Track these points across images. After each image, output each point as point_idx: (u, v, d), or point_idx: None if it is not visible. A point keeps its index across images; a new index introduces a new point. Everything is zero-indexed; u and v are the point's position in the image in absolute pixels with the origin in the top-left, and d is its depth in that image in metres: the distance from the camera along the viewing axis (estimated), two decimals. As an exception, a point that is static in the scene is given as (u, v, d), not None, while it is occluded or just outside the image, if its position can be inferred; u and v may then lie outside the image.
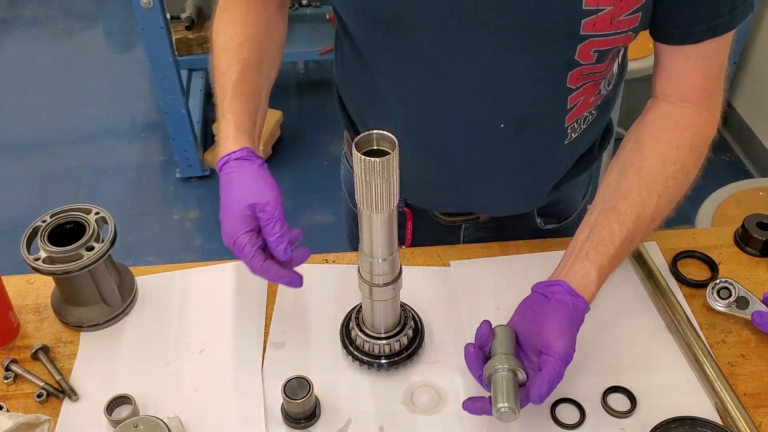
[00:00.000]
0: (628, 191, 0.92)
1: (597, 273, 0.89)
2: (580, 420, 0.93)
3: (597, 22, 0.84)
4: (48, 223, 1.01)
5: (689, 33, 0.89)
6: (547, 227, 1.22)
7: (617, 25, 0.85)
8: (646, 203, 0.91)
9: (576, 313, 0.87)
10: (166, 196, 2.84)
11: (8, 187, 2.91)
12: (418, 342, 1.00)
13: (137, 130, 3.19)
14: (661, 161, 0.92)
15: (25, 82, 3.51)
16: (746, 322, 1.03)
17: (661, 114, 0.95)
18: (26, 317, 1.07)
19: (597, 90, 0.99)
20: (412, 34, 0.89)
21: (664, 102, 0.95)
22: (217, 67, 0.98)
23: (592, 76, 0.94)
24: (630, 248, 0.92)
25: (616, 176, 0.94)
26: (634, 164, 0.93)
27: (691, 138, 0.94)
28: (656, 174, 0.92)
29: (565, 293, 0.87)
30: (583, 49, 0.88)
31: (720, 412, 0.93)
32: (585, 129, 1.04)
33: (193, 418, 0.94)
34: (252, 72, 0.97)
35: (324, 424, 0.93)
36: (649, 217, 0.91)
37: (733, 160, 2.86)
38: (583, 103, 0.98)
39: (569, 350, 0.84)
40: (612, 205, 0.92)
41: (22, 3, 4.09)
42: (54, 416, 0.94)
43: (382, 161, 0.72)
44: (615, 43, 0.88)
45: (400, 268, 0.90)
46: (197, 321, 1.06)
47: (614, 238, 0.90)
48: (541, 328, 0.86)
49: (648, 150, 0.93)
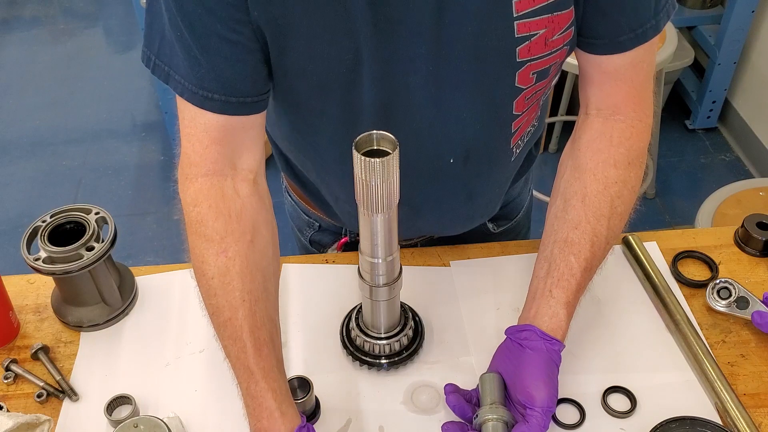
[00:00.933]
0: (578, 221, 0.91)
1: (565, 310, 0.88)
2: (580, 420, 0.93)
3: (531, 47, 0.84)
4: (48, 223, 1.01)
5: (617, 42, 0.87)
6: (500, 230, 1.23)
7: (552, 45, 0.85)
8: (598, 230, 0.90)
9: (551, 356, 0.87)
10: (166, 196, 2.84)
11: (8, 187, 2.91)
12: (418, 342, 1.00)
13: (137, 130, 3.19)
14: (603, 185, 0.92)
15: (25, 82, 3.51)
16: (746, 322, 1.03)
17: (594, 134, 0.94)
18: (26, 317, 1.07)
19: (538, 106, 0.99)
20: (356, 89, 0.86)
21: (596, 119, 0.94)
22: (217, 311, 0.84)
23: (534, 96, 0.94)
24: (591, 274, 0.92)
25: (561, 205, 0.94)
26: (577, 193, 0.92)
27: (626, 153, 0.93)
28: (601, 199, 0.91)
29: (537, 338, 0.87)
30: (522, 73, 0.87)
31: (720, 412, 0.93)
32: (527, 142, 1.04)
33: (193, 418, 0.94)
34: (261, 303, 0.84)
35: (324, 424, 0.93)
36: (603, 242, 0.91)
37: (733, 160, 2.86)
38: (525, 122, 0.98)
39: (551, 398, 0.84)
40: (564, 236, 0.91)
41: (22, 3, 4.09)
42: (54, 416, 0.94)
43: (382, 161, 0.72)
44: (552, 61, 0.88)
45: (400, 268, 0.90)
46: (197, 321, 1.05)
47: (573, 271, 0.89)
48: (520, 379, 0.86)
49: (588, 176, 0.92)
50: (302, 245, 1.28)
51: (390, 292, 0.90)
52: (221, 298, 0.83)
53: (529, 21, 0.82)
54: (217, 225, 0.85)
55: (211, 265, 0.84)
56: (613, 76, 0.91)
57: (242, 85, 0.83)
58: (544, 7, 0.82)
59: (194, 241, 0.86)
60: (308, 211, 1.20)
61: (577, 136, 0.96)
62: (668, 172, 2.79)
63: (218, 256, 0.84)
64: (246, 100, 0.84)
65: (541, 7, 0.81)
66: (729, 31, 2.65)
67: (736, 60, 2.75)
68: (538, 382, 0.84)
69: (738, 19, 2.61)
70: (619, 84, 0.92)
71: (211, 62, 0.81)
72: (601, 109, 0.94)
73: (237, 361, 0.82)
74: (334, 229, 1.20)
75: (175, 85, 0.84)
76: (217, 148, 0.85)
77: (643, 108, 0.94)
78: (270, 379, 0.81)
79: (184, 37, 0.80)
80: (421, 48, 0.82)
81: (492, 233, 1.23)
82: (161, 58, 0.84)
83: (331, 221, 1.17)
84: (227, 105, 0.83)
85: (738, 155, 2.88)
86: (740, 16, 2.61)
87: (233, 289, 0.83)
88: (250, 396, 0.81)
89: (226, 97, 0.83)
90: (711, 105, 2.88)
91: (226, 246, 0.84)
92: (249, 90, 0.84)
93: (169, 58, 0.83)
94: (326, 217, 1.16)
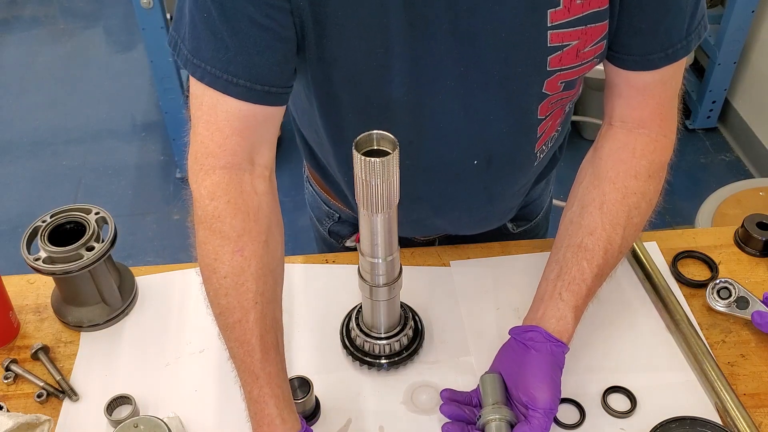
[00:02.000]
0: (594, 228, 0.91)
1: (573, 314, 0.89)
2: (580, 420, 0.93)
3: (563, 57, 0.84)
4: (48, 223, 1.01)
5: (648, 60, 0.88)
6: (519, 230, 1.23)
7: (583, 57, 0.85)
8: (612, 238, 0.91)
9: (556, 359, 0.87)
10: (166, 196, 2.84)
11: (8, 187, 2.91)
12: (418, 342, 1.00)
13: (137, 130, 3.19)
14: (621, 195, 0.92)
15: (25, 82, 3.51)
16: (746, 322, 1.03)
17: (618, 144, 0.94)
18: (26, 317, 1.07)
19: (564, 111, 1.00)
20: (386, 86, 0.86)
21: (620, 130, 0.94)
22: (226, 311, 0.82)
23: (560, 102, 0.94)
24: (601, 281, 0.92)
25: (578, 211, 0.94)
26: (595, 200, 0.93)
27: (648, 166, 0.93)
28: (619, 208, 0.91)
29: (543, 340, 0.87)
30: (551, 82, 0.87)
31: (720, 412, 0.93)
32: (551, 146, 1.05)
33: (193, 418, 0.94)
34: (271, 306, 0.83)
35: (324, 424, 0.93)
36: (617, 250, 0.92)
37: (733, 160, 2.86)
38: (551, 127, 0.98)
39: (554, 400, 0.85)
40: (578, 241, 0.91)
41: (22, 3, 4.10)
42: (54, 416, 0.94)
43: (382, 161, 0.72)
44: (581, 72, 0.88)
45: (400, 268, 0.90)
46: (197, 321, 1.06)
47: (585, 276, 0.90)
48: (523, 379, 0.86)
49: (608, 185, 0.93)
50: (321, 236, 1.28)
51: (390, 292, 0.90)
52: (233, 299, 0.81)
53: (563, 32, 0.82)
54: (235, 222, 0.82)
55: (226, 263, 0.82)
56: (641, 92, 0.91)
57: (269, 73, 0.81)
58: (579, 18, 0.81)
59: (208, 236, 0.83)
60: (328, 201, 1.20)
61: (599, 144, 0.96)
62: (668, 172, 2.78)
63: (234, 254, 0.81)
64: (271, 89, 0.82)
65: (577, 18, 0.81)
66: (729, 31, 2.65)
67: (736, 60, 2.75)
68: (541, 384, 0.84)
69: (738, 19, 2.61)
70: (646, 99, 0.92)
71: (240, 46, 0.78)
72: (626, 121, 0.94)
73: (243, 364, 0.81)
74: (353, 221, 1.20)
75: (194, 69, 0.81)
76: (238, 140, 0.83)
77: (668, 124, 0.94)
78: (274, 385, 0.81)
79: (211, 18, 0.78)
80: (453, 49, 0.83)
81: (511, 233, 1.23)
82: (182, 41, 0.81)
83: (351, 213, 1.18)
84: (252, 92, 0.81)
85: (738, 155, 2.88)
86: (740, 16, 2.61)
87: (247, 291, 0.81)
88: (253, 400, 0.81)
89: (252, 84, 0.80)
90: (711, 105, 2.88)
91: (243, 245, 0.82)
92: (275, 79, 0.82)
93: (189, 41, 0.81)
94: (346, 208, 1.17)
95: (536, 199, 1.22)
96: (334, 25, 0.80)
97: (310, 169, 1.19)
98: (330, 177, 1.12)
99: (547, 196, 1.26)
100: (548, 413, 0.84)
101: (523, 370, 0.86)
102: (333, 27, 0.80)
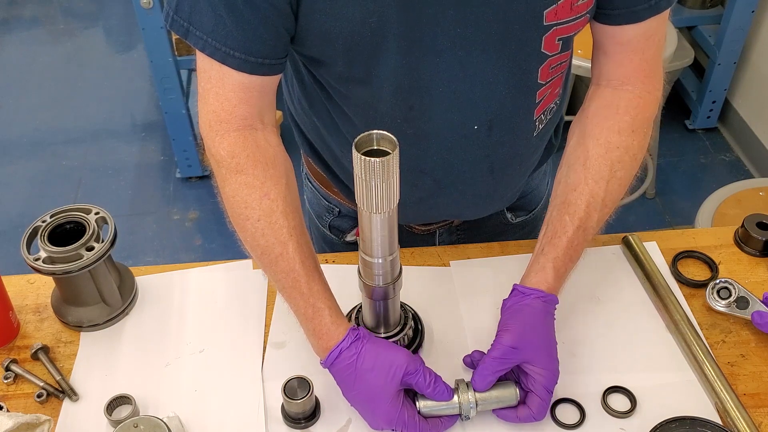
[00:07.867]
0: (577, 183, 0.95)
1: (552, 264, 0.92)
2: (580, 420, 0.93)
3: (558, 11, 0.86)
4: (48, 223, 1.01)
5: (632, 12, 0.91)
6: (518, 221, 1.24)
7: (577, 10, 0.88)
8: (595, 191, 0.94)
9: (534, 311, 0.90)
10: (166, 196, 2.84)
11: (8, 187, 2.91)
12: (418, 342, 1.00)
13: (137, 130, 3.19)
14: (604, 149, 0.95)
15: (25, 82, 3.51)
16: (746, 322, 1.03)
17: (603, 102, 0.97)
18: (26, 317, 1.07)
19: (561, 80, 1.01)
20: (383, 54, 0.87)
21: (606, 89, 0.98)
22: (267, 250, 0.90)
23: (558, 67, 0.96)
24: (586, 235, 0.95)
25: (565, 171, 0.98)
26: (579, 157, 0.96)
27: (631, 121, 0.96)
28: (602, 162, 0.95)
29: (517, 293, 0.92)
30: (548, 39, 0.89)
31: (720, 412, 0.93)
32: (549, 120, 1.06)
33: (193, 418, 0.94)
34: (304, 236, 0.92)
35: (324, 424, 0.93)
36: (600, 203, 0.94)
37: (733, 160, 2.86)
38: (549, 96, 1.00)
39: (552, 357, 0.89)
40: (563, 199, 0.95)
41: (22, 3, 4.09)
42: (54, 416, 0.94)
43: (382, 161, 0.72)
44: (576, 28, 0.90)
45: (400, 268, 0.90)
46: (197, 321, 1.06)
47: (566, 228, 0.93)
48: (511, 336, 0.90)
49: (591, 141, 0.96)
50: (320, 235, 1.29)
51: (390, 292, 0.90)
52: (270, 237, 0.89)
53: None
54: (257, 172, 0.89)
55: (256, 208, 0.89)
56: (626, 47, 0.94)
57: (264, 47, 0.86)
58: None
59: (235, 189, 0.90)
60: (328, 196, 1.21)
61: (585, 105, 0.99)
62: (668, 172, 2.79)
63: (262, 199, 0.89)
64: (265, 61, 0.87)
65: None
66: (729, 31, 2.65)
67: (736, 60, 2.75)
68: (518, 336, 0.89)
69: (738, 19, 2.61)
70: (630, 55, 0.95)
71: (236, 22, 0.83)
72: (611, 79, 0.97)
73: (292, 290, 0.90)
74: (353, 215, 1.21)
75: (196, 41, 0.86)
76: (246, 107, 0.90)
77: (652, 80, 0.97)
78: (323, 299, 0.90)
79: None
80: (449, 10, 0.84)
81: (510, 223, 1.24)
82: (180, 14, 0.86)
83: (351, 206, 1.18)
84: (248, 64, 0.86)
85: (738, 155, 2.88)
86: (740, 16, 2.61)
87: (280, 227, 0.89)
88: (308, 318, 0.89)
89: (247, 57, 0.86)
90: (711, 105, 2.88)
91: (268, 189, 0.89)
92: (270, 52, 0.87)
93: (189, 14, 0.85)
94: (346, 201, 1.18)
95: (534, 189, 1.23)
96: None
97: (309, 164, 1.20)
98: (330, 168, 1.13)
99: (545, 187, 1.27)
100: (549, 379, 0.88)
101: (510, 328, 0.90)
102: None
